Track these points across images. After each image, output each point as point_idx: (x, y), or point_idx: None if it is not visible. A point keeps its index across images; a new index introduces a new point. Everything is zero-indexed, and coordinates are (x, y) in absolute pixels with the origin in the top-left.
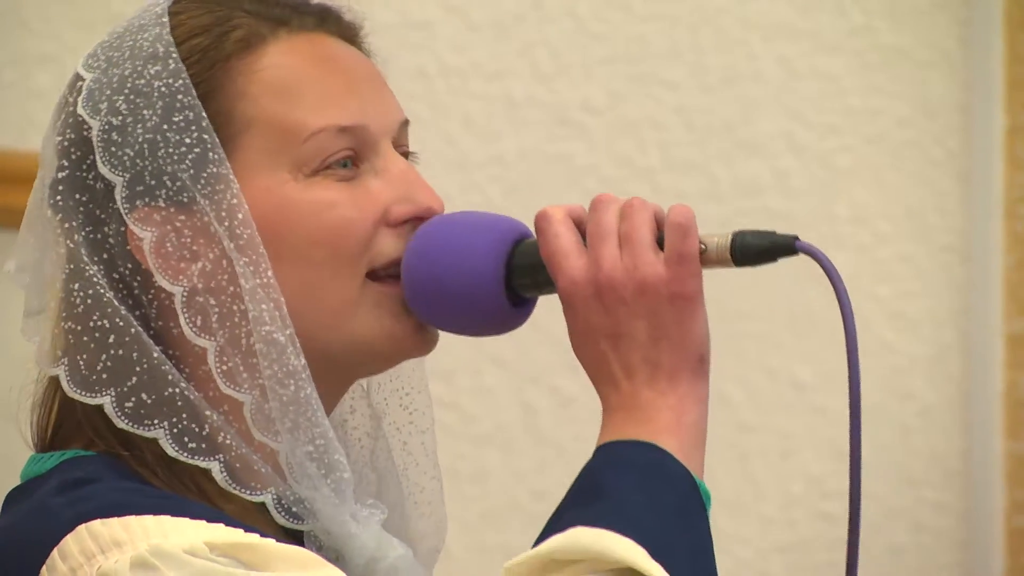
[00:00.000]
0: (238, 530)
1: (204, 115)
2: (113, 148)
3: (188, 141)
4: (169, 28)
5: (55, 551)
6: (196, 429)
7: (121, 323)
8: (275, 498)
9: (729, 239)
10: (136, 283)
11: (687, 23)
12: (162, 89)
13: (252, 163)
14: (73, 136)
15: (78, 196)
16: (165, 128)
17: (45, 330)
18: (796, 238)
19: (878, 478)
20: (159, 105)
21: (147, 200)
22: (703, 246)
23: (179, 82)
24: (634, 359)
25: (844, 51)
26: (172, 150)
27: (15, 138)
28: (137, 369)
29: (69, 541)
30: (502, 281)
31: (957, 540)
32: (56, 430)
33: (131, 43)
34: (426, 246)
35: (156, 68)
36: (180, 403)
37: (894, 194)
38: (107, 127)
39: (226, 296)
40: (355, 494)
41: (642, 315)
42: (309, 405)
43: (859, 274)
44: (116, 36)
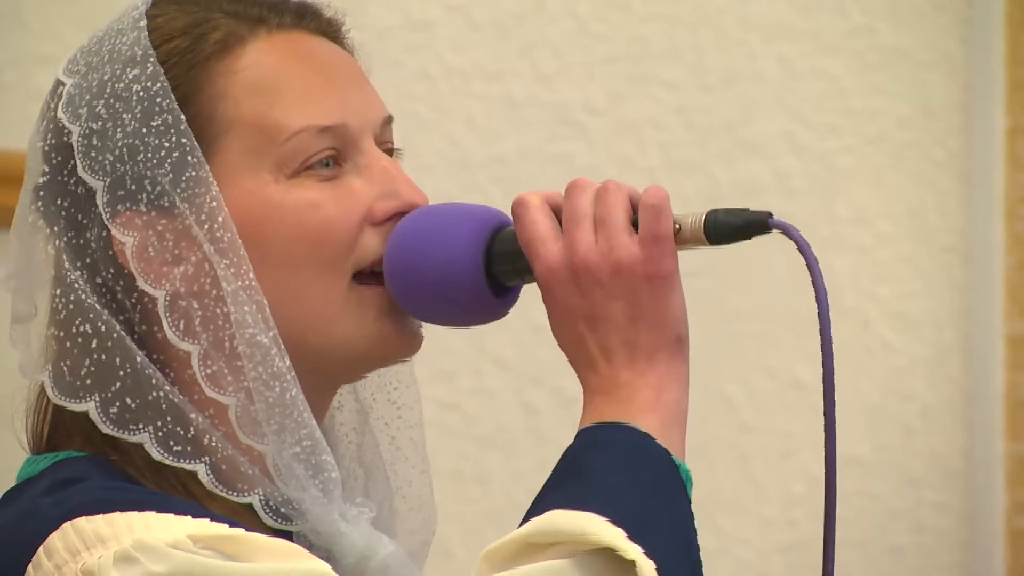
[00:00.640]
0: (223, 524)
1: (183, 118)
2: (93, 153)
3: (167, 145)
4: (147, 31)
5: (41, 548)
6: (181, 432)
7: (104, 328)
8: (263, 499)
9: (703, 218)
10: (119, 288)
11: (687, 23)
12: (141, 93)
13: (234, 165)
14: (54, 141)
15: (60, 201)
16: (144, 132)
17: (34, 336)
18: (769, 215)
19: (879, 478)
20: (138, 109)
21: (128, 205)
22: (677, 226)
23: (157, 85)
24: (612, 341)
25: (845, 51)
26: (151, 154)
27: (15, 138)
28: (121, 374)
29: (55, 538)
30: (482, 270)
31: (958, 541)
32: (50, 434)
33: (110, 47)
34: (406, 238)
35: (135, 72)
36: (165, 407)
37: (895, 195)
38: (87, 132)
39: (209, 299)
40: (344, 492)
41: (618, 296)
42: (295, 407)
43: (860, 275)
44: (96, 40)
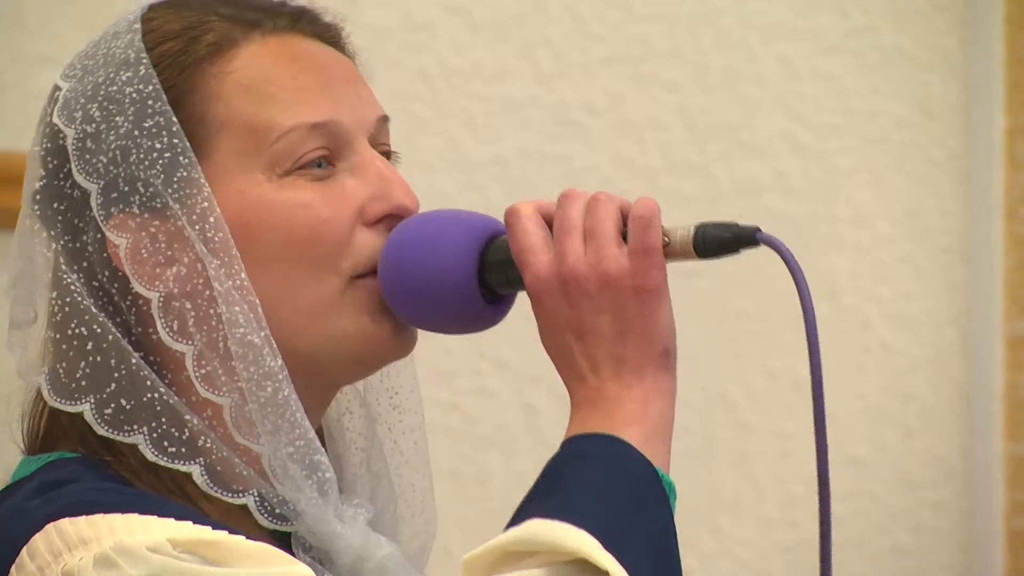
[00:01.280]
0: (205, 527)
1: (175, 120)
2: (87, 156)
3: (159, 146)
4: (141, 34)
5: (24, 549)
6: (176, 433)
7: (99, 330)
8: (258, 500)
9: (692, 231)
10: (115, 290)
11: (688, 24)
12: (133, 95)
13: (226, 165)
14: (50, 145)
15: (56, 205)
16: (136, 134)
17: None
18: (757, 229)
19: (879, 479)
20: (131, 111)
21: (122, 207)
22: (667, 239)
23: (150, 87)
24: (599, 354)
25: (845, 52)
26: (143, 156)
27: (15, 138)
28: (116, 376)
29: (37, 540)
30: (475, 278)
31: (958, 541)
32: (45, 435)
33: (105, 51)
34: (401, 244)
35: (128, 74)
36: (159, 408)
37: (895, 195)
38: (81, 135)
39: (202, 300)
40: (344, 495)
41: (606, 309)
42: (288, 406)
43: (860, 275)
44: (92, 45)
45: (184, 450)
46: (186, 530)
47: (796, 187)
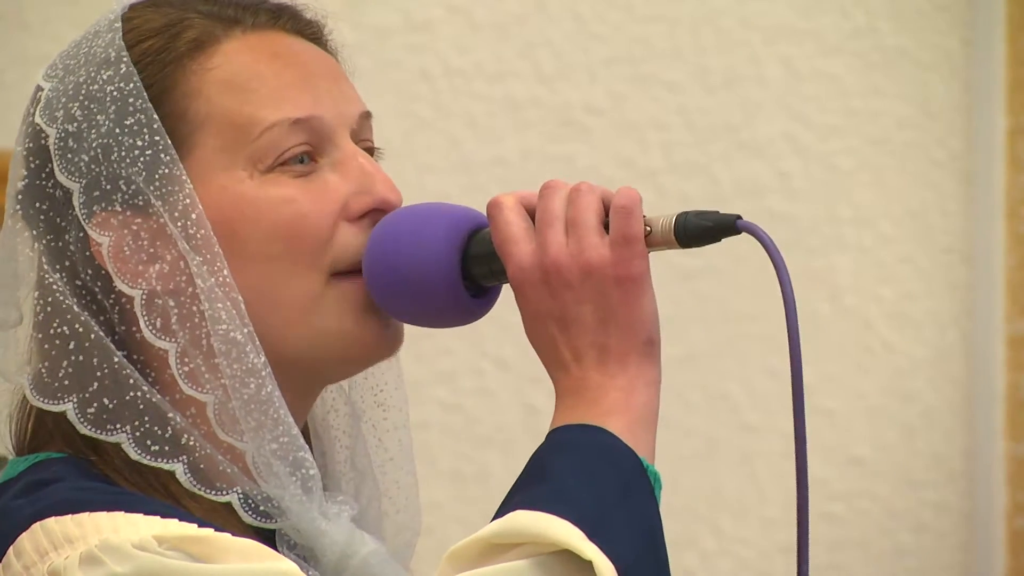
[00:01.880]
0: (191, 524)
1: (155, 117)
2: (69, 155)
3: (140, 144)
4: (121, 33)
5: (11, 549)
6: (159, 432)
7: (81, 329)
8: (242, 498)
9: (673, 220)
10: (98, 288)
11: (689, 24)
12: (114, 93)
13: (208, 162)
14: (32, 145)
15: (38, 205)
16: (118, 132)
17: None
18: (738, 217)
19: (880, 479)
20: (112, 109)
21: (104, 205)
22: (648, 228)
23: (131, 85)
24: (582, 343)
25: (846, 52)
26: (125, 153)
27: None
28: (98, 374)
29: (24, 539)
30: (458, 271)
31: (959, 541)
32: (32, 436)
33: (86, 50)
34: (385, 238)
35: (108, 73)
36: (142, 407)
37: (896, 195)
38: (63, 134)
39: (185, 297)
40: (328, 492)
41: (589, 299)
42: (271, 403)
43: (861, 275)
44: (74, 45)
45: (167, 448)
46: (172, 527)
47: (797, 187)
